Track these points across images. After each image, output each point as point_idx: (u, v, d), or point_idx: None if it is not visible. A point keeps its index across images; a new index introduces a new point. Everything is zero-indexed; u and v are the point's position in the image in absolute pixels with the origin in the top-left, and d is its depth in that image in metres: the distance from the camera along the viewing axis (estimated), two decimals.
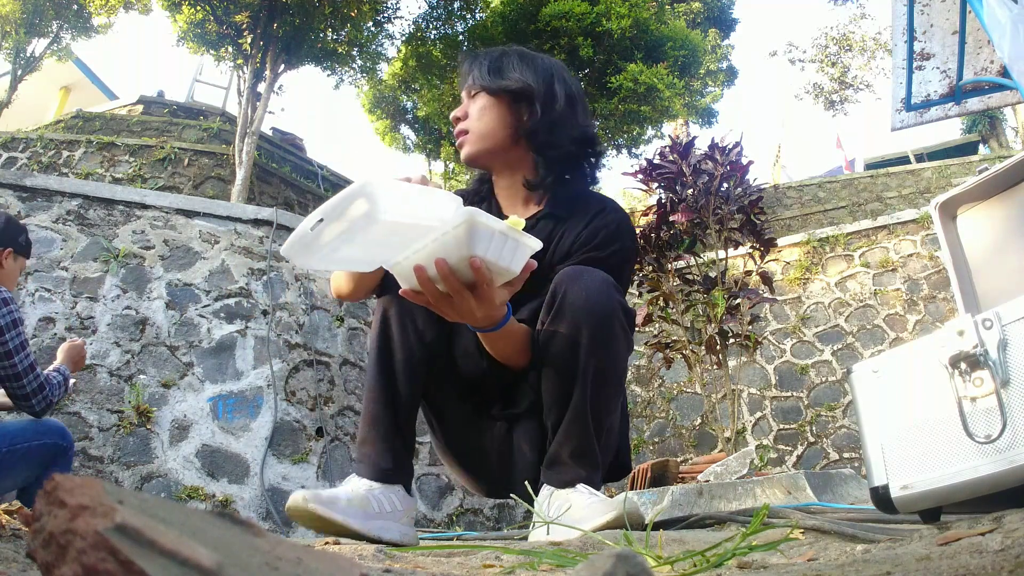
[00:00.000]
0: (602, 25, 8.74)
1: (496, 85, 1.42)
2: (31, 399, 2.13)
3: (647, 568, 0.31)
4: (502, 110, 1.43)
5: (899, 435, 0.95)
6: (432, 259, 0.98)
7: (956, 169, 9.77)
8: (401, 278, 1.05)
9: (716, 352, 3.41)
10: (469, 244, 0.95)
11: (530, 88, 1.40)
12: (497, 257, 0.98)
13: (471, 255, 0.96)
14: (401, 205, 0.91)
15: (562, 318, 1.23)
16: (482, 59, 1.47)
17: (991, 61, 2.50)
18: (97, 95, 14.10)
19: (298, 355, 4.58)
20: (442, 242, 0.96)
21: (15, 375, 2.09)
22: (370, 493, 1.25)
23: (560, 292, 1.24)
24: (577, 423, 1.24)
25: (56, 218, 4.45)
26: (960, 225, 1.90)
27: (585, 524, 1.11)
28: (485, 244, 0.96)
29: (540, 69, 1.44)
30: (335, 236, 0.91)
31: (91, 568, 0.24)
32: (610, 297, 1.24)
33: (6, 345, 2.06)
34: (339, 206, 0.89)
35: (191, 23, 8.17)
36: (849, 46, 16.14)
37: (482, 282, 1.02)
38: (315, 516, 1.15)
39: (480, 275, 0.99)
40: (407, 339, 1.31)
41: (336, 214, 0.90)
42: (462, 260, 0.98)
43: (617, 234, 1.38)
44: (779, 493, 2.04)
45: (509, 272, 1.02)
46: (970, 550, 0.56)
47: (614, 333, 1.24)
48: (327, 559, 0.35)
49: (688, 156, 3.60)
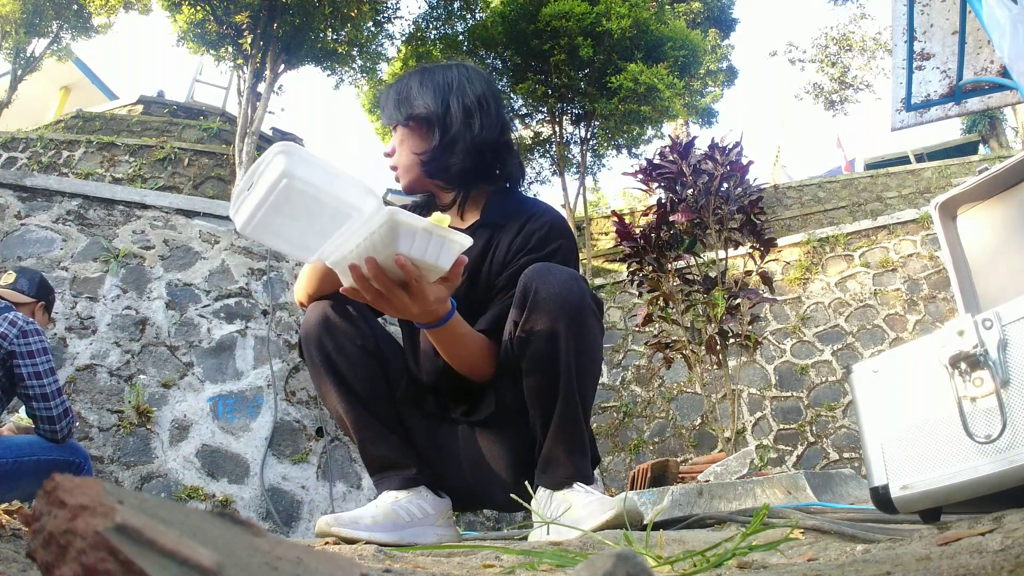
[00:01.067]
0: (602, 25, 8.74)
1: (403, 116, 1.43)
2: (56, 423, 2.23)
3: (647, 568, 0.31)
4: (416, 139, 1.44)
5: (899, 435, 0.95)
6: (363, 258, 1.01)
7: (956, 169, 9.77)
8: (342, 275, 1.08)
9: (716, 352, 3.41)
10: (393, 242, 0.98)
11: (430, 111, 1.41)
12: (423, 254, 1.01)
13: (396, 253, 0.99)
14: (317, 177, 0.93)
15: (538, 313, 1.23)
16: (390, 92, 1.49)
17: (991, 61, 2.50)
18: (97, 95, 14.10)
19: (298, 355, 4.58)
20: (371, 241, 0.99)
21: (43, 395, 2.21)
22: (396, 505, 1.26)
23: (532, 288, 1.23)
24: (569, 417, 1.25)
25: (56, 218, 4.45)
26: (960, 225, 1.90)
27: (585, 524, 1.11)
28: (409, 242, 0.99)
29: (438, 88, 1.43)
30: (262, 199, 0.94)
31: (91, 568, 0.24)
32: (580, 287, 1.25)
33: (38, 367, 2.21)
34: (260, 163, 0.93)
35: (191, 23, 8.17)
36: (849, 46, 16.14)
37: (410, 278, 1.04)
38: (341, 538, 1.18)
39: (407, 272, 1.01)
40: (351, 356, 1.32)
41: (258, 173, 0.94)
42: (389, 258, 1.00)
43: (551, 235, 1.39)
44: (779, 493, 2.04)
45: (438, 268, 1.04)
46: (970, 550, 0.56)
47: (589, 322, 1.25)
48: (327, 559, 0.35)
49: (688, 156, 3.60)
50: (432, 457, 1.38)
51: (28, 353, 2.21)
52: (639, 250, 3.61)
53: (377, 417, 1.32)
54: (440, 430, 1.40)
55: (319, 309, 1.35)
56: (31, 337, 2.24)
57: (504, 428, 1.35)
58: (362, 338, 1.34)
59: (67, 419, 2.26)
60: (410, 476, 1.30)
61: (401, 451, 1.33)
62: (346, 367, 1.31)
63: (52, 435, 2.24)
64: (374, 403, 1.32)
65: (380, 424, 1.32)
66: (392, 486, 1.30)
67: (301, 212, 0.96)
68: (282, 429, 4.23)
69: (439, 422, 1.41)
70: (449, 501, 1.37)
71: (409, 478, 1.30)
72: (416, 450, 1.36)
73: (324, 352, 1.32)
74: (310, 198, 0.94)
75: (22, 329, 2.22)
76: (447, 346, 1.27)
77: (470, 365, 1.31)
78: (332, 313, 1.33)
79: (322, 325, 1.33)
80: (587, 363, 1.26)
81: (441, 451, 1.39)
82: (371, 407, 1.32)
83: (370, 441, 1.32)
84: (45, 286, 2.62)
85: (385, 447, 1.32)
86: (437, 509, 1.30)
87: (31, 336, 2.24)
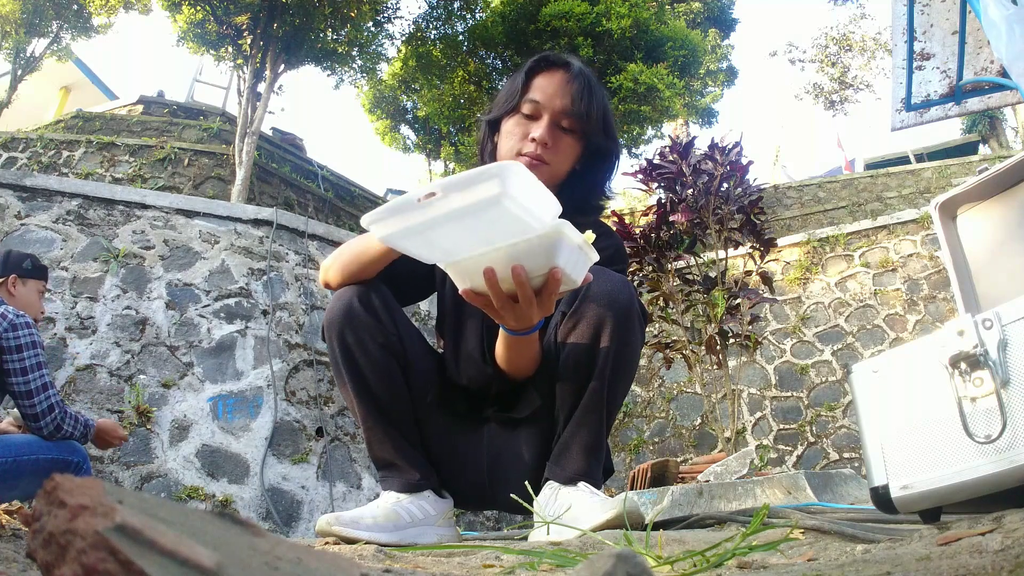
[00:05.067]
0: (602, 25, 8.74)
1: (589, 128, 1.37)
2: (40, 419, 2.20)
3: (647, 568, 0.31)
4: (577, 150, 1.39)
5: (899, 435, 0.95)
6: (508, 263, 0.95)
7: (956, 169, 9.77)
8: (460, 276, 1.00)
9: (716, 352, 3.41)
10: (554, 255, 0.94)
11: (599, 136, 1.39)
12: (571, 269, 0.97)
13: (553, 266, 0.95)
14: (524, 196, 0.87)
15: (586, 308, 1.24)
16: (585, 91, 1.37)
17: (991, 61, 2.50)
18: (97, 95, 14.10)
19: (298, 355, 4.58)
20: (524, 248, 0.93)
21: (27, 392, 2.17)
22: (398, 506, 1.26)
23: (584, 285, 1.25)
24: (592, 413, 1.25)
25: (56, 218, 4.45)
26: (960, 225, 1.90)
27: (585, 523, 1.11)
28: (566, 256, 0.95)
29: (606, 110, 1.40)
30: (442, 213, 0.87)
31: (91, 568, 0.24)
32: (630, 292, 1.26)
33: (23, 362, 2.17)
34: (469, 182, 0.84)
35: (191, 23, 8.17)
36: (849, 46, 16.14)
37: (552, 291, 1.00)
38: (341, 537, 1.17)
39: (555, 285, 0.98)
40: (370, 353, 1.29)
41: (460, 188, 0.85)
42: (540, 268, 0.96)
43: (616, 257, 1.41)
44: (779, 493, 2.04)
45: (574, 284, 1.01)
46: (970, 550, 0.56)
47: (633, 326, 1.26)
48: (327, 559, 0.35)
49: (688, 156, 3.60)
50: (449, 456, 1.38)
51: (17, 347, 2.17)
52: (639, 250, 3.61)
53: (388, 418, 1.31)
54: (465, 429, 1.39)
55: (346, 299, 1.30)
56: (20, 331, 2.19)
57: (535, 425, 1.35)
58: (385, 335, 1.30)
59: (52, 415, 2.21)
60: (413, 481, 1.30)
61: (407, 456, 1.31)
62: (364, 363, 1.29)
63: (38, 432, 2.20)
64: (388, 403, 1.31)
65: (390, 426, 1.31)
66: (395, 487, 1.30)
67: (485, 225, 0.89)
68: (282, 429, 4.23)
69: (465, 420, 1.40)
70: (451, 501, 1.37)
71: (412, 483, 1.29)
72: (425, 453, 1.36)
73: (344, 345, 1.29)
74: (509, 214, 0.87)
75: (12, 323, 2.18)
76: (518, 351, 1.26)
77: (525, 369, 1.31)
78: (358, 306, 1.29)
79: (346, 317, 1.29)
80: (623, 367, 1.26)
81: (460, 449, 1.38)
82: (384, 407, 1.30)
83: (377, 442, 1.32)
84: (12, 259, 2.48)
85: (392, 449, 1.31)
86: (438, 510, 1.30)
87: (20, 330, 2.19)
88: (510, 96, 1.40)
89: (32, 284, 2.48)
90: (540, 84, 1.38)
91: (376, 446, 1.32)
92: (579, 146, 1.39)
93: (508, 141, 1.37)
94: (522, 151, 1.34)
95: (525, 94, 1.37)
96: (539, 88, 1.37)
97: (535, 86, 1.38)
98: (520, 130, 1.36)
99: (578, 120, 1.35)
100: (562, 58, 1.41)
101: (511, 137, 1.37)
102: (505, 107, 1.40)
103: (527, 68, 1.40)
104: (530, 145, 1.33)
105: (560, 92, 1.36)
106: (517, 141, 1.35)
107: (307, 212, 8.23)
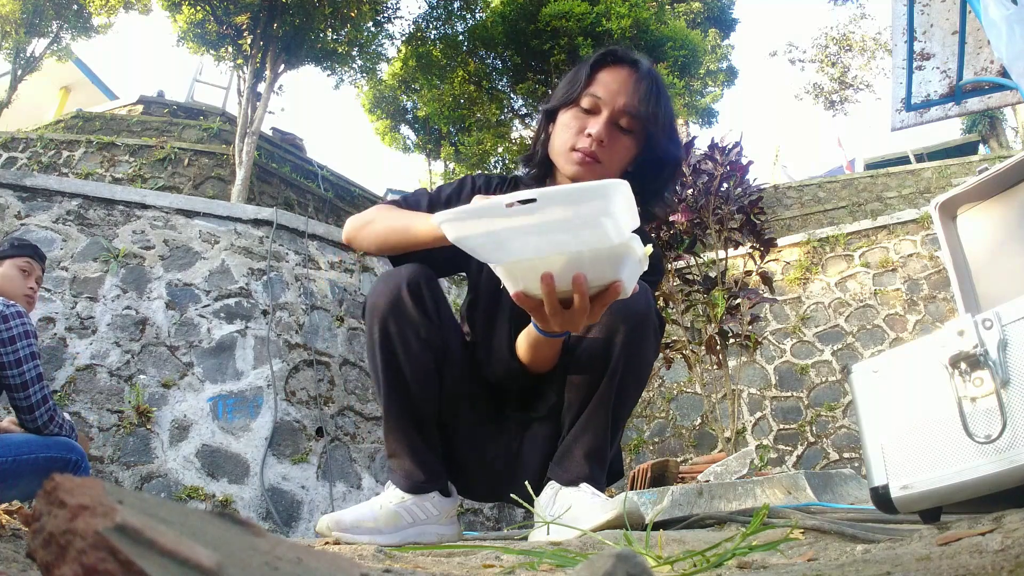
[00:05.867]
0: (602, 25, 8.74)
1: (653, 131, 1.32)
2: (35, 410, 2.16)
3: (647, 568, 0.31)
4: (633, 151, 1.34)
5: (899, 435, 0.95)
6: (569, 269, 0.91)
7: (956, 169, 9.77)
8: (513, 278, 0.96)
9: (716, 352, 3.40)
10: (618, 267, 0.92)
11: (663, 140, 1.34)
12: (628, 282, 0.95)
13: (617, 279, 0.93)
14: (620, 215, 0.85)
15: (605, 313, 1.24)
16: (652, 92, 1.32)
17: (991, 61, 2.50)
18: (97, 95, 14.10)
19: (298, 355, 4.58)
20: (589, 257, 0.90)
21: (21, 384, 2.13)
22: (401, 507, 1.24)
23: None
24: (597, 417, 1.25)
25: (56, 218, 4.45)
26: (960, 225, 1.90)
27: (585, 523, 1.11)
28: (629, 269, 0.93)
29: (671, 114, 1.36)
30: (530, 223, 0.85)
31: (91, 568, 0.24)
32: (648, 300, 1.26)
33: (17, 354, 2.12)
34: (574, 197, 0.82)
35: (191, 23, 8.17)
36: (849, 46, 16.15)
37: (607, 302, 0.97)
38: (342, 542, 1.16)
39: (612, 297, 0.95)
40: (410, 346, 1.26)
41: (563, 202, 0.82)
42: (600, 279, 0.93)
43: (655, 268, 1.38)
44: (779, 493, 2.04)
45: (626, 295, 0.98)
46: (970, 550, 0.56)
47: (647, 335, 1.26)
48: (327, 559, 0.35)
49: (688, 156, 3.60)
50: (468, 449, 1.37)
51: (10, 339, 2.12)
52: None
53: (412, 415, 1.28)
54: (486, 423, 1.39)
55: (395, 284, 1.26)
56: (12, 321, 2.14)
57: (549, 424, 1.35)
58: (429, 332, 1.27)
59: (46, 406, 2.16)
60: (420, 482, 1.28)
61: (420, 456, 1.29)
62: (404, 357, 1.25)
63: (32, 424, 2.16)
64: (416, 400, 1.28)
65: (411, 423, 1.28)
66: (401, 485, 1.28)
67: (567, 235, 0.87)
68: (282, 429, 4.23)
69: (486, 415, 1.39)
70: (456, 500, 1.36)
71: (419, 484, 1.28)
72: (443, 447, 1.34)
73: (386, 333, 1.25)
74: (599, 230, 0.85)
75: (2, 314, 2.13)
76: (543, 350, 1.26)
77: (546, 361, 1.30)
78: (407, 297, 1.25)
79: (393, 306, 1.25)
80: (634, 374, 1.26)
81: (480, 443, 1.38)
82: (410, 403, 1.27)
83: (394, 435, 1.29)
84: None
85: (408, 447, 1.28)
86: (441, 509, 1.30)
87: (12, 320, 2.14)
88: (571, 87, 1.34)
89: (8, 264, 2.38)
90: (604, 79, 1.32)
91: (392, 438, 1.30)
92: (635, 148, 1.34)
93: (564, 134, 1.32)
94: (576, 146, 1.29)
95: (587, 87, 1.32)
96: (602, 83, 1.32)
97: (599, 80, 1.32)
98: (577, 124, 1.31)
99: (640, 121, 1.31)
100: (630, 55, 1.36)
101: (567, 130, 1.32)
102: (565, 98, 1.35)
103: (593, 61, 1.35)
104: (585, 140, 1.28)
105: (624, 90, 1.30)
106: (573, 135, 1.31)
107: (307, 212, 8.23)
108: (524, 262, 0.93)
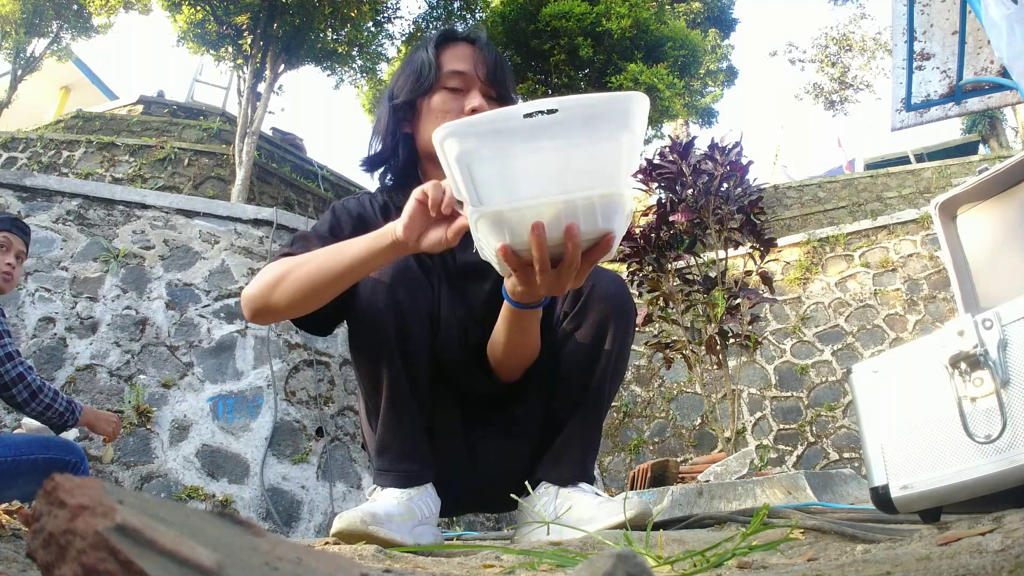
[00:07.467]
0: (602, 25, 8.74)
1: (513, 97, 1.33)
2: (12, 388, 2.13)
3: (647, 568, 0.31)
4: None
5: (899, 435, 0.95)
6: (560, 220, 0.82)
7: (956, 169, 9.77)
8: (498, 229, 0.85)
9: (716, 352, 3.40)
10: (611, 218, 0.84)
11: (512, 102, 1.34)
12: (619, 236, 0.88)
13: (609, 230, 0.85)
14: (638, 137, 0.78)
15: (592, 308, 1.23)
16: (499, 58, 1.33)
17: (991, 61, 2.50)
18: (97, 95, 14.10)
19: (298, 355, 4.58)
20: (583, 206, 0.81)
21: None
22: (412, 502, 1.18)
23: (587, 283, 1.23)
24: (593, 417, 1.25)
25: (56, 218, 4.45)
26: (960, 225, 1.90)
27: (593, 525, 1.10)
28: (620, 220, 0.85)
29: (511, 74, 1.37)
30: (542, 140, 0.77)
31: (91, 568, 0.24)
32: (628, 291, 1.28)
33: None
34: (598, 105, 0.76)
35: (191, 23, 8.18)
36: (849, 46, 16.15)
37: (596, 260, 0.89)
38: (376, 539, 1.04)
39: (602, 253, 0.88)
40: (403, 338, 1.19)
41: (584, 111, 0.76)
42: (591, 232, 0.85)
43: None
44: (779, 493, 2.04)
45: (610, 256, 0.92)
46: (970, 550, 0.56)
47: (631, 328, 1.27)
48: (327, 559, 0.35)
49: (688, 156, 3.60)
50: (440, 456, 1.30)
51: None
52: (639, 250, 3.61)
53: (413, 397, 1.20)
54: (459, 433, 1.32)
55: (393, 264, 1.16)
56: None
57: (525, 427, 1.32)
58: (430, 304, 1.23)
59: (24, 383, 2.11)
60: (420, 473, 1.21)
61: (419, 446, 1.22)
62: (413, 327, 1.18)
63: (11, 401, 2.12)
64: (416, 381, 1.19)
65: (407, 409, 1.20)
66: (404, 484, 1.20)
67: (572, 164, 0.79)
68: (282, 429, 4.23)
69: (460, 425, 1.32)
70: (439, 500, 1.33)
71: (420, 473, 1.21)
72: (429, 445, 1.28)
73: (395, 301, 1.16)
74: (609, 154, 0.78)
75: None
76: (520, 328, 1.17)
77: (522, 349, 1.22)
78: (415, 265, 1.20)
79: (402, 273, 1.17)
80: (620, 368, 1.27)
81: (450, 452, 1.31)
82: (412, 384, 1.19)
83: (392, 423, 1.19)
84: None
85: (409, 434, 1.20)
86: (433, 510, 1.28)
87: None
88: (422, 74, 1.29)
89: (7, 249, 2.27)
90: (456, 56, 1.31)
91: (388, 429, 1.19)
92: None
93: (442, 118, 1.24)
94: None
95: (444, 68, 1.29)
96: (458, 60, 1.30)
97: (451, 60, 1.30)
98: (455, 104, 1.27)
99: (502, 88, 1.31)
100: (464, 31, 1.38)
101: (445, 114, 1.25)
102: (420, 86, 1.29)
103: (433, 44, 1.33)
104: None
105: (480, 61, 1.30)
106: (455, 117, 1.23)
107: (307, 212, 8.23)
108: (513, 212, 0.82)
